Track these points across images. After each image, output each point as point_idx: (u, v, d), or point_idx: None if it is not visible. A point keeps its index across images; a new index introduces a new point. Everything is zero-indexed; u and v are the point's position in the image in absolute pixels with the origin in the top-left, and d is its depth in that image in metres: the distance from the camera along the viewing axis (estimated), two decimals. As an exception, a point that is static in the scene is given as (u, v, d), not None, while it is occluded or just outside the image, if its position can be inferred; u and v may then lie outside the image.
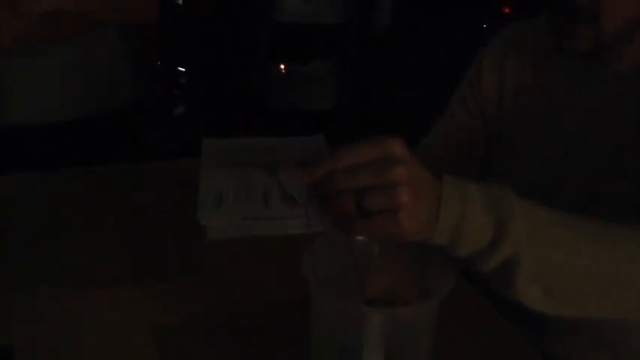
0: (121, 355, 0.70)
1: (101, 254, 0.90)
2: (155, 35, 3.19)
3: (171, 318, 0.76)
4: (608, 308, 0.60)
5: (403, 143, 0.51)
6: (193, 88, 3.46)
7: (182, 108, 3.36)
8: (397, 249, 0.59)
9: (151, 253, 0.92)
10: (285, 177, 1.05)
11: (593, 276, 0.56)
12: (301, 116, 3.11)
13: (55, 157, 1.34)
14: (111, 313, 0.77)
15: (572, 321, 0.83)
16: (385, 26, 3.15)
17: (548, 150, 0.87)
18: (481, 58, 0.97)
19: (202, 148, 1.14)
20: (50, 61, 1.33)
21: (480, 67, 0.97)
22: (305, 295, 0.58)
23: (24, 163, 1.33)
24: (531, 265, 0.53)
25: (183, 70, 3.56)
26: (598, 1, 0.72)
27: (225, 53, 3.26)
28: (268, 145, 1.20)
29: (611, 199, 0.78)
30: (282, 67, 3.30)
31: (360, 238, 0.59)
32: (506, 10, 2.54)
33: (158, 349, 0.71)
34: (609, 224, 0.58)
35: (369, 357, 0.52)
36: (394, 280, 0.61)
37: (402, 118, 2.62)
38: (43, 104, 1.35)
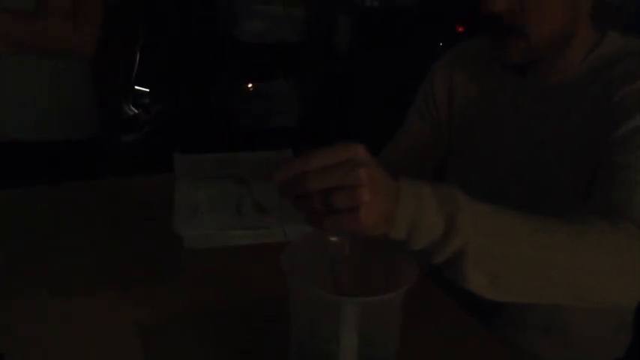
0: (117, 354, 0.73)
1: (96, 254, 0.94)
2: (118, 58, 3.21)
3: (169, 317, 0.79)
4: (549, 295, 0.65)
5: (365, 149, 0.57)
6: (158, 108, 3.47)
7: (146, 128, 3.37)
8: (366, 247, 0.65)
9: (146, 252, 0.95)
10: (256, 188, 1.10)
11: (534, 263, 0.61)
12: (265, 133, 3.15)
13: (26, 175, 1.38)
14: (108, 312, 0.80)
15: (520, 308, 0.90)
16: (345, 46, 3.23)
17: (495, 159, 0.94)
18: (433, 74, 1.04)
19: (174, 163, 1.18)
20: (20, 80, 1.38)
21: (432, 82, 1.04)
22: (282, 292, 0.63)
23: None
24: (477, 254, 0.59)
25: (147, 90, 3.58)
26: (525, 17, 0.79)
27: (190, 73, 3.29)
28: (239, 160, 1.24)
29: (553, 202, 0.85)
30: (246, 85, 3.34)
31: (333, 238, 0.64)
32: (460, 30, 2.65)
33: (156, 348, 0.74)
34: (550, 217, 0.64)
35: (346, 343, 0.58)
36: (364, 273, 0.66)
37: (363, 133, 2.68)
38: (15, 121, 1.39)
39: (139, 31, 3.30)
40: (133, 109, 3.44)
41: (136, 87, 3.52)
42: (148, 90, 3.58)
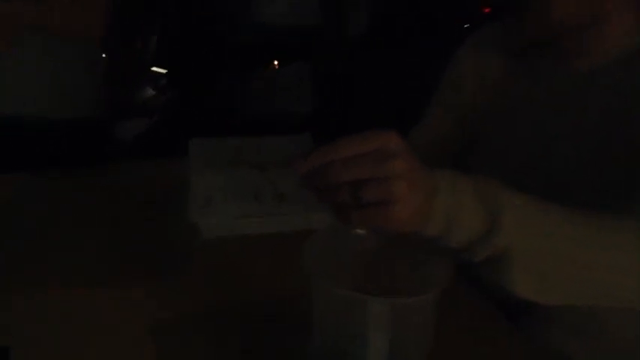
0: (118, 354, 0.70)
1: (96, 254, 0.90)
2: (135, 38, 3.19)
3: (169, 317, 0.76)
4: (597, 296, 0.61)
5: (399, 136, 0.53)
6: (173, 91, 3.44)
7: (160, 111, 3.34)
8: (396, 240, 0.60)
9: (147, 252, 0.92)
10: (275, 174, 1.06)
11: (582, 264, 0.57)
12: (280, 119, 3.10)
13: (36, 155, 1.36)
14: (108, 312, 0.77)
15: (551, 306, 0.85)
16: (363, 28, 3.16)
17: (522, 148, 0.88)
18: (459, 60, 0.98)
19: (190, 148, 1.14)
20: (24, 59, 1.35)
21: (458, 68, 0.98)
22: (304, 289, 0.59)
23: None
24: (522, 254, 0.55)
25: (164, 72, 3.54)
26: None
27: (202, 57, 3.25)
28: (256, 144, 1.21)
29: (568, 197, 0.80)
30: (260, 69, 3.29)
31: (358, 231, 0.60)
32: (486, 10, 2.57)
33: (156, 348, 0.71)
34: (595, 213, 0.60)
35: (373, 345, 0.54)
36: (393, 270, 0.62)
37: (382, 120, 2.62)
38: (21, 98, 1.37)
39: (157, 12, 3.26)
40: (150, 90, 3.41)
41: (153, 68, 3.49)
42: (165, 71, 3.55)
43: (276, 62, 3.30)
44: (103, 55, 1.58)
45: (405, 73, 2.69)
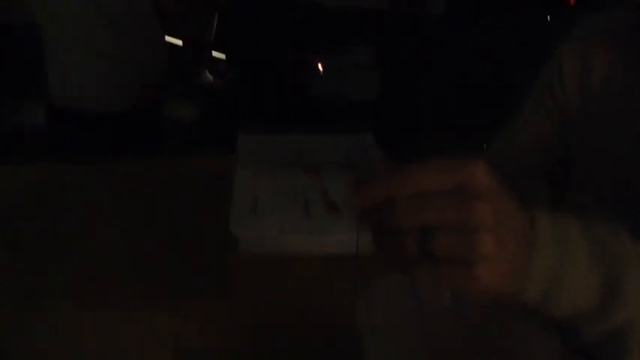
0: None
1: (118, 264, 0.81)
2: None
3: (195, 345, 0.67)
4: None
5: (489, 170, 0.39)
6: (233, 76, 3.39)
7: (219, 95, 3.30)
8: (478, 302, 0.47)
9: (176, 266, 0.81)
10: (329, 180, 0.94)
11: None
12: (343, 106, 2.99)
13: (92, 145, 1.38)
14: (126, 337, 0.68)
15: None
16: (438, 14, 2.99)
17: (635, 149, 0.74)
18: (561, 55, 0.84)
19: (239, 146, 1.03)
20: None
21: (560, 64, 0.84)
22: (352, 322, 0.49)
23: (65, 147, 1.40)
24: None
25: (224, 57, 3.49)
26: None
27: (265, 39, 3.16)
28: (312, 144, 1.09)
29: None
30: (324, 54, 3.18)
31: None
32: (572, 2, 2.36)
33: None
34: None
35: None
36: (474, 334, 0.48)
37: (450, 112, 2.46)
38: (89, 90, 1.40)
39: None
40: (209, 75, 3.37)
41: (213, 53, 3.44)
42: (224, 57, 3.49)
43: (337, 47, 3.17)
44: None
45: (481, 68, 2.51)
